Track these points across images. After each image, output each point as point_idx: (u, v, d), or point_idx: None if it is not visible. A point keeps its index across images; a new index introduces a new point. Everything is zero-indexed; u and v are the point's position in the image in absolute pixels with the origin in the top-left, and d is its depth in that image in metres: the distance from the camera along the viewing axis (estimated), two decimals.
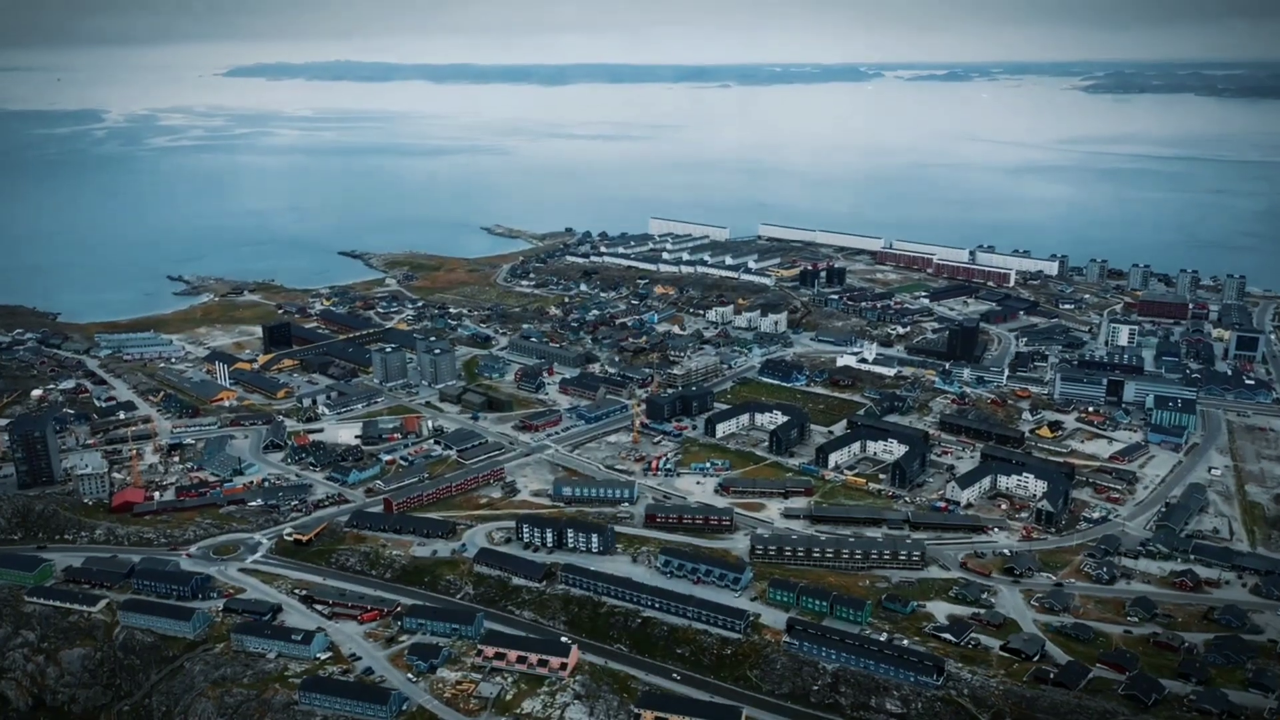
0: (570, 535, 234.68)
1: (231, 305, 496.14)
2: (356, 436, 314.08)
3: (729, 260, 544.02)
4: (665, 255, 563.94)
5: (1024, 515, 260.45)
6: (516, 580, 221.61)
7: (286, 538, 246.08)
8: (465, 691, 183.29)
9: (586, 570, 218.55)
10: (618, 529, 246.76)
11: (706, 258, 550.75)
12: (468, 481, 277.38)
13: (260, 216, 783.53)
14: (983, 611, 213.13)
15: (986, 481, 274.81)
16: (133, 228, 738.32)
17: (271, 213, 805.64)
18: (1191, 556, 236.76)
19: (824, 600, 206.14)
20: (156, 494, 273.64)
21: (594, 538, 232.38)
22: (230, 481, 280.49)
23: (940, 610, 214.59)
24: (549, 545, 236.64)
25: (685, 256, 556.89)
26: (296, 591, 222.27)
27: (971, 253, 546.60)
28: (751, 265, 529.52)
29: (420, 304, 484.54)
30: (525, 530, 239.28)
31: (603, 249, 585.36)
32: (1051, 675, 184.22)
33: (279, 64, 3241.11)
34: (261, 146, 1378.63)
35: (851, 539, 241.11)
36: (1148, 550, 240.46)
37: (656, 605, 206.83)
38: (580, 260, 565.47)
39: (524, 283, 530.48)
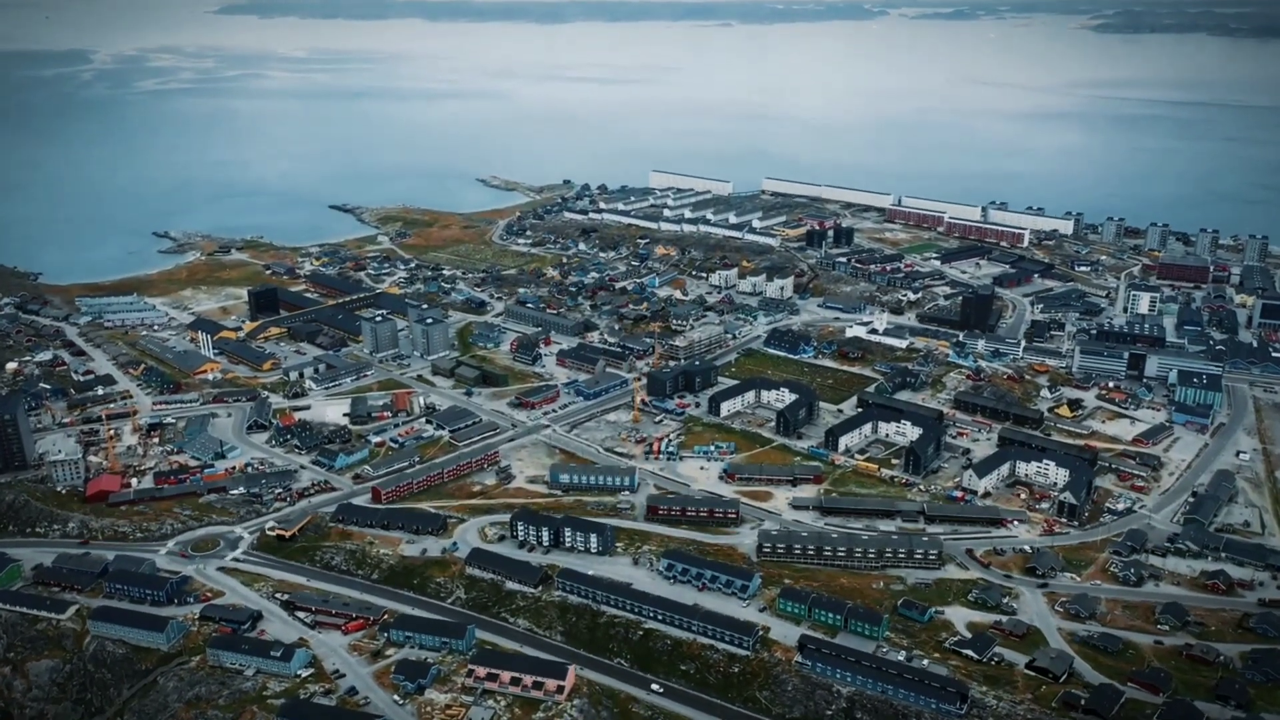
0: (568, 534, 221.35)
1: (218, 265, 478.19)
2: (344, 415, 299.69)
3: (732, 218, 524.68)
4: (666, 212, 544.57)
5: (1044, 506, 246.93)
6: (510, 584, 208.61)
7: (269, 532, 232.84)
8: (455, 716, 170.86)
9: (585, 576, 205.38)
10: (617, 523, 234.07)
11: (709, 215, 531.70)
12: (461, 467, 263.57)
13: (250, 167, 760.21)
14: (1004, 619, 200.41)
15: (1005, 468, 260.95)
16: (119, 178, 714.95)
17: (261, 162, 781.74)
18: (1223, 554, 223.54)
19: (838, 613, 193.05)
20: (134, 480, 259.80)
21: (593, 537, 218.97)
22: (211, 466, 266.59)
23: (959, 617, 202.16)
24: (545, 544, 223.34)
25: (687, 214, 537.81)
26: (278, 596, 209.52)
27: (984, 210, 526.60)
28: (756, 224, 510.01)
29: (413, 265, 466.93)
30: (520, 528, 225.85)
31: (601, 205, 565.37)
32: (1082, 701, 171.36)
33: (271, 0, 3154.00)
34: (253, 90, 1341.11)
35: (865, 535, 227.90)
36: (1176, 547, 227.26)
37: (659, 616, 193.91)
38: (578, 217, 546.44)
39: (520, 241, 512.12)
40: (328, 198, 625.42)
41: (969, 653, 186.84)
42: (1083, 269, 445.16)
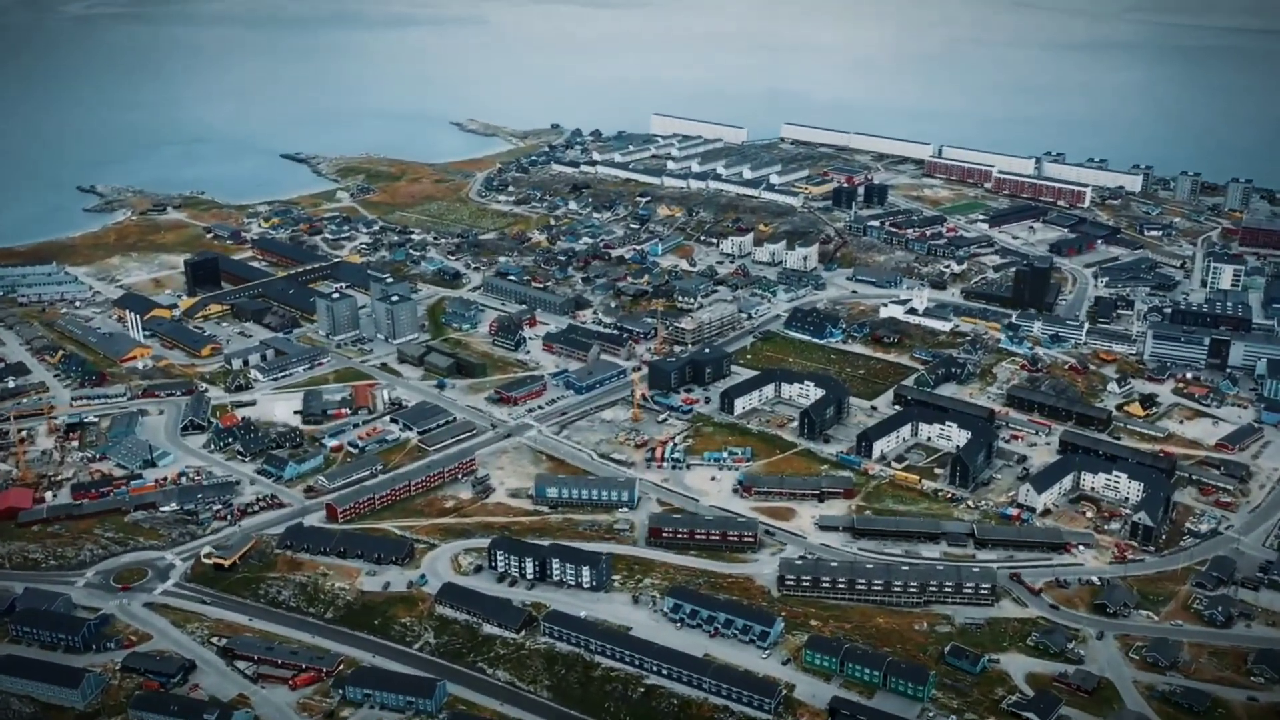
0: (556, 566, 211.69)
1: (152, 226, 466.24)
2: (295, 412, 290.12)
3: (747, 172, 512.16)
4: (670, 165, 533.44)
5: (1114, 526, 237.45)
6: (489, 628, 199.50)
7: (205, 560, 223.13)
8: None
9: (576, 620, 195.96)
10: (615, 549, 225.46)
11: (720, 168, 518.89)
12: (431, 478, 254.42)
13: (190, 108, 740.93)
14: (1070, 670, 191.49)
15: (1067, 480, 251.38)
16: (39, 123, 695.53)
17: (203, 103, 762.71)
18: None
19: (875, 669, 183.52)
20: (48, 494, 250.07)
21: (585, 570, 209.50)
22: (139, 477, 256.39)
23: (1017, 666, 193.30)
24: (529, 577, 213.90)
25: (694, 167, 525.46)
26: (214, 640, 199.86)
27: (1037, 163, 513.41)
28: (774, 180, 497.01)
29: (377, 227, 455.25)
30: (500, 557, 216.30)
31: (595, 155, 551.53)
32: None
33: None
34: (193, 15, 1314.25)
35: (905, 566, 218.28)
36: (1270, 579, 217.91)
37: (664, 671, 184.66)
38: (568, 170, 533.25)
39: (501, 198, 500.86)
40: (279, 145, 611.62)
41: (1031, 716, 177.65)
42: (1153, 233, 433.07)
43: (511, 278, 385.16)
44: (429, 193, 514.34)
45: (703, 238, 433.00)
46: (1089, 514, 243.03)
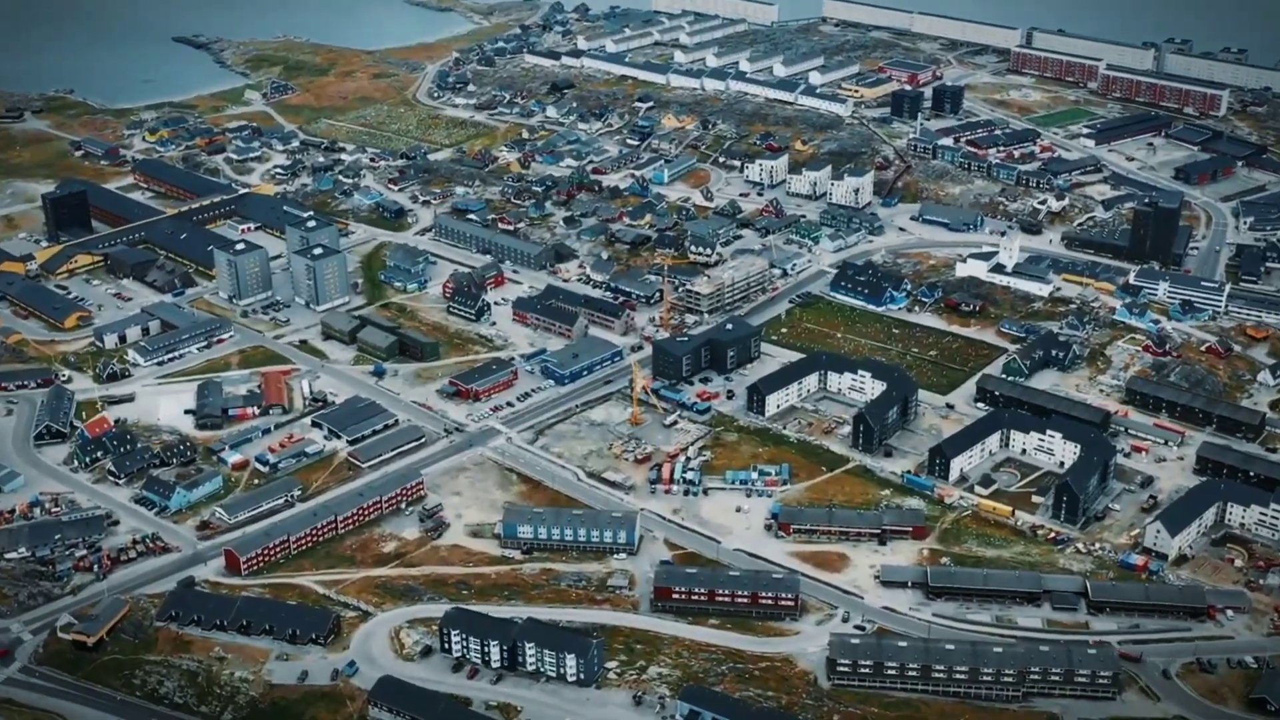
0: (531, 652, 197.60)
1: (3, 139, 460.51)
2: (187, 412, 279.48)
3: (779, 68, 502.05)
4: (679, 57, 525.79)
5: (1273, 580, 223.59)
6: None
7: (62, 635, 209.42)
8: None
9: None
10: (609, 617, 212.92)
11: (743, 62, 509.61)
12: (365, 509, 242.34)
13: None
14: None
15: (1209, 514, 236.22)
16: None
17: None
18: None
19: None
20: None
21: (569, 660, 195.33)
22: None
23: None
24: (495, 664, 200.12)
25: (710, 60, 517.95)
26: None
27: (1157, 53, 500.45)
28: (815, 80, 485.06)
29: (296, 143, 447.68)
30: (455, 638, 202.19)
31: (581, 43, 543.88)
32: None
33: None
34: None
35: (997, 646, 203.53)
36: None
37: None
38: (546, 63, 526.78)
39: (458, 100, 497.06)
40: (171, 25, 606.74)
41: None
42: None
43: (472, 216, 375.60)
44: (365, 92, 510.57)
45: (722, 159, 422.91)
46: (1239, 562, 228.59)
